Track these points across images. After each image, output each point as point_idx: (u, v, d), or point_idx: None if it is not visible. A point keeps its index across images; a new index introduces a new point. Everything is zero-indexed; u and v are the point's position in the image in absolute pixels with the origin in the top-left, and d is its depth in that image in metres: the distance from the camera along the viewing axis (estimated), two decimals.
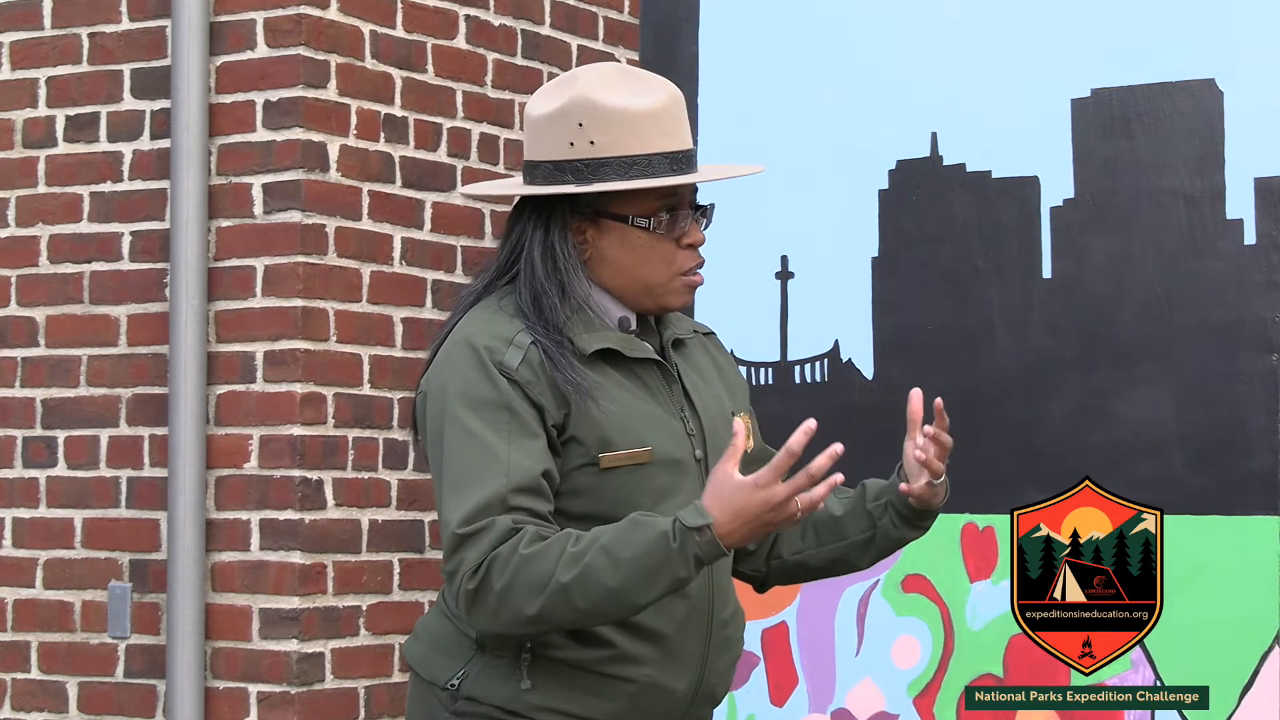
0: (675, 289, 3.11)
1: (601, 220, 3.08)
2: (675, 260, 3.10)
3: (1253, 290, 4.39)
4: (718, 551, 2.89)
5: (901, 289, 4.73)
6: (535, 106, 3.12)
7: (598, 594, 2.88)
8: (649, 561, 2.87)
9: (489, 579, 2.90)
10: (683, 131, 3.10)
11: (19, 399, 5.72)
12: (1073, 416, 4.52)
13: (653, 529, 2.89)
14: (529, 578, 2.89)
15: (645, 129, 3.05)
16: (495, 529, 2.91)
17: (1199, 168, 4.46)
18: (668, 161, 3.06)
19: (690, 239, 3.11)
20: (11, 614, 5.69)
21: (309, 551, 5.35)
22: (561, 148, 3.07)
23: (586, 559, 2.88)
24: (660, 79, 3.14)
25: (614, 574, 2.87)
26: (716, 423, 3.15)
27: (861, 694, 4.72)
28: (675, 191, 3.09)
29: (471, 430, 2.97)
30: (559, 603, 2.89)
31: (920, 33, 4.74)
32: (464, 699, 3.05)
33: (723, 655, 3.14)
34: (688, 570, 2.89)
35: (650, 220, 3.07)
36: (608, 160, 3.04)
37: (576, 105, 3.06)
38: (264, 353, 5.39)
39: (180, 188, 5.43)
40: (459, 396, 2.99)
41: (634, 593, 2.89)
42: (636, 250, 3.09)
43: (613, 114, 3.05)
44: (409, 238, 5.67)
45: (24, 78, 5.77)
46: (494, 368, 2.99)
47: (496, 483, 2.93)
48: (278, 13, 5.43)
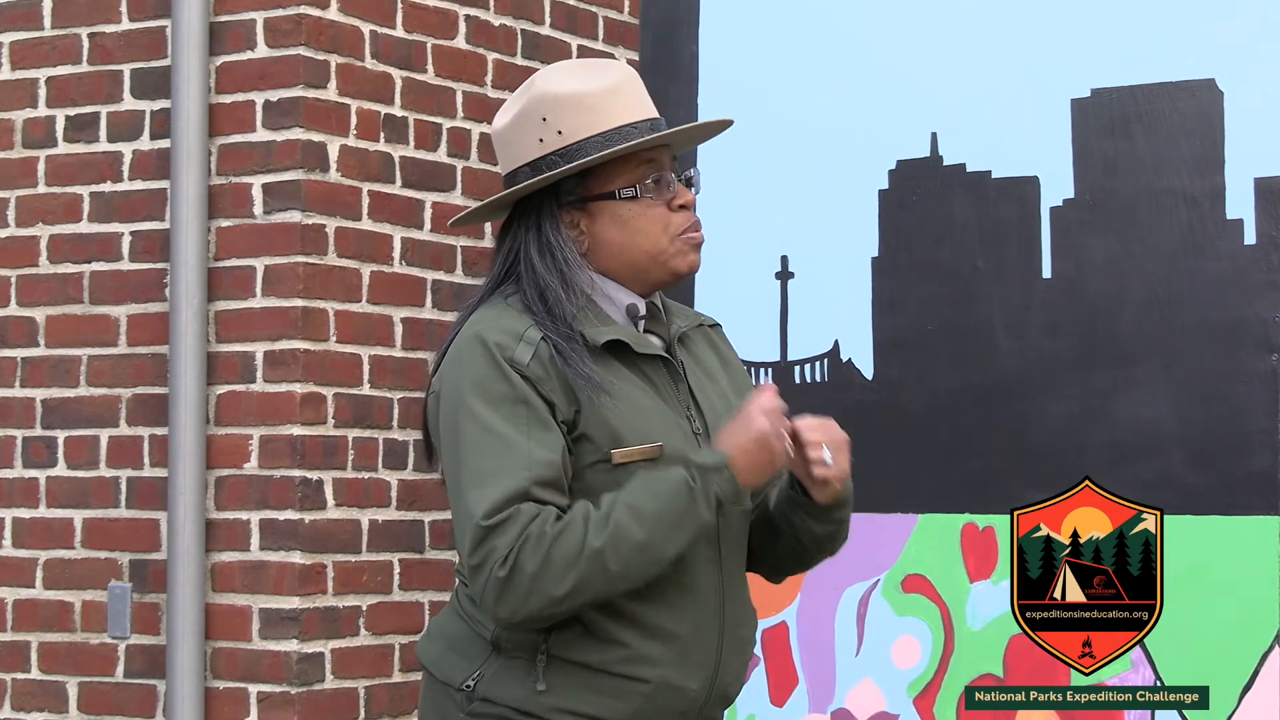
0: (679, 249, 3.12)
1: (590, 205, 3.10)
2: (670, 223, 3.11)
3: (1253, 290, 4.38)
4: (734, 489, 2.97)
5: (901, 289, 4.73)
6: (497, 121, 3.17)
7: (629, 550, 2.92)
8: (674, 508, 2.94)
9: (520, 562, 2.92)
10: (645, 101, 3.13)
11: (19, 399, 5.72)
12: (1073, 416, 4.52)
13: (672, 477, 2.95)
14: (563, 552, 2.91)
15: (608, 105, 3.08)
16: (521, 515, 2.94)
17: (1199, 168, 4.46)
18: (637, 130, 3.09)
19: (681, 199, 3.13)
20: (11, 614, 5.69)
21: (309, 551, 5.35)
22: (532, 147, 3.09)
23: (614, 518, 2.93)
24: (612, 61, 3.18)
25: (641, 527, 2.92)
26: (722, 420, 3.15)
27: (861, 694, 4.72)
28: (654, 158, 3.12)
29: (489, 425, 2.98)
30: (594, 570, 2.92)
31: (920, 33, 4.74)
32: (479, 700, 3.05)
33: (736, 655, 3.14)
34: (710, 513, 2.96)
35: (637, 188, 3.09)
36: (580, 143, 3.07)
37: (536, 103, 3.10)
38: (264, 353, 5.39)
39: (180, 188, 5.44)
40: (474, 392, 3.00)
41: (662, 544, 2.94)
42: (631, 223, 3.10)
43: (573, 99, 3.08)
44: (409, 238, 5.67)
45: (24, 78, 5.77)
46: (505, 363, 3.00)
47: (519, 476, 2.95)
48: (278, 13, 5.43)
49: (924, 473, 4.64)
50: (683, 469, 2.96)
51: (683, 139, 3.20)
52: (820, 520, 3.18)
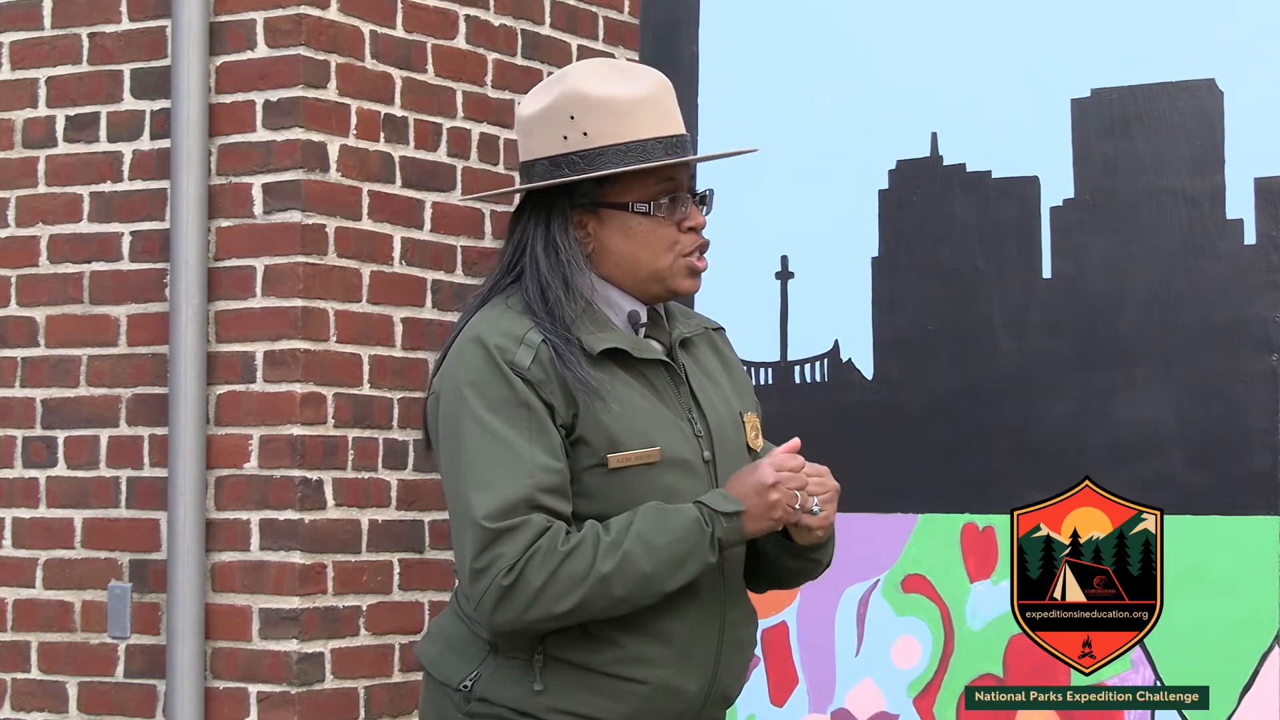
0: (680, 271, 3.12)
1: (602, 210, 3.09)
2: (677, 244, 3.11)
3: (1253, 290, 4.38)
4: (739, 538, 3.02)
5: (901, 289, 4.73)
6: (526, 107, 3.14)
7: (634, 580, 2.94)
8: (684, 547, 2.97)
9: (526, 573, 2.93)
10: (674, 117, 3.12)
11: (19, 399, 5.72)
12: (1073, 416, 4.52)
13: (685, 515, 2.98)
14: (570, 571, 2.93)
15: (637, 116, 3.07)
16: (531, 526, 2.94)
17: (1199, 168, 4.45)
18: (662, 146, 3.08)
19: (691, 222, 3.12)
20: (11, 614, 5.69)
21: (309, 551, 5.35)
22: (555, 142, 3.08)
23: (624, 547, 2.95)
24: (648, 69, 3.16)
25: (649, 559, 2.95)
26: (724, 424, 3.16)
27: (861, 694, 4.71)
28: (673, 175, 3.11)
29: (491, 429, 2.98)
30: (597, 593, 2.94)
31: (920, 32, 4.74)
32: (477, 700, 3.06)
33: (735, 656, 3.14)
34: (715, 555, 3.00)
35: (650, 205, 3.09)
36: (603, 149, 3.06)
37: (567, 99, 3.08)
38: (264, 353, 5.39)
39: (180, 188, 5.43)
40: (475, 396, 3.00)
41: (666, 578, 2.97)
42: (638, 237, 3.09)
43: (604, 103, 3.06)
44: (409, 238, 5.67)
45: (24, 78, 5.77)
46: (506, 366, 3.00)
47: (522, 482, 2.95)
48: (278, 13, 5.43)
49: (924, 473, 4.64)
50: (696, 509, 3.00)
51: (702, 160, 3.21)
52: (796, 558, 3.20)
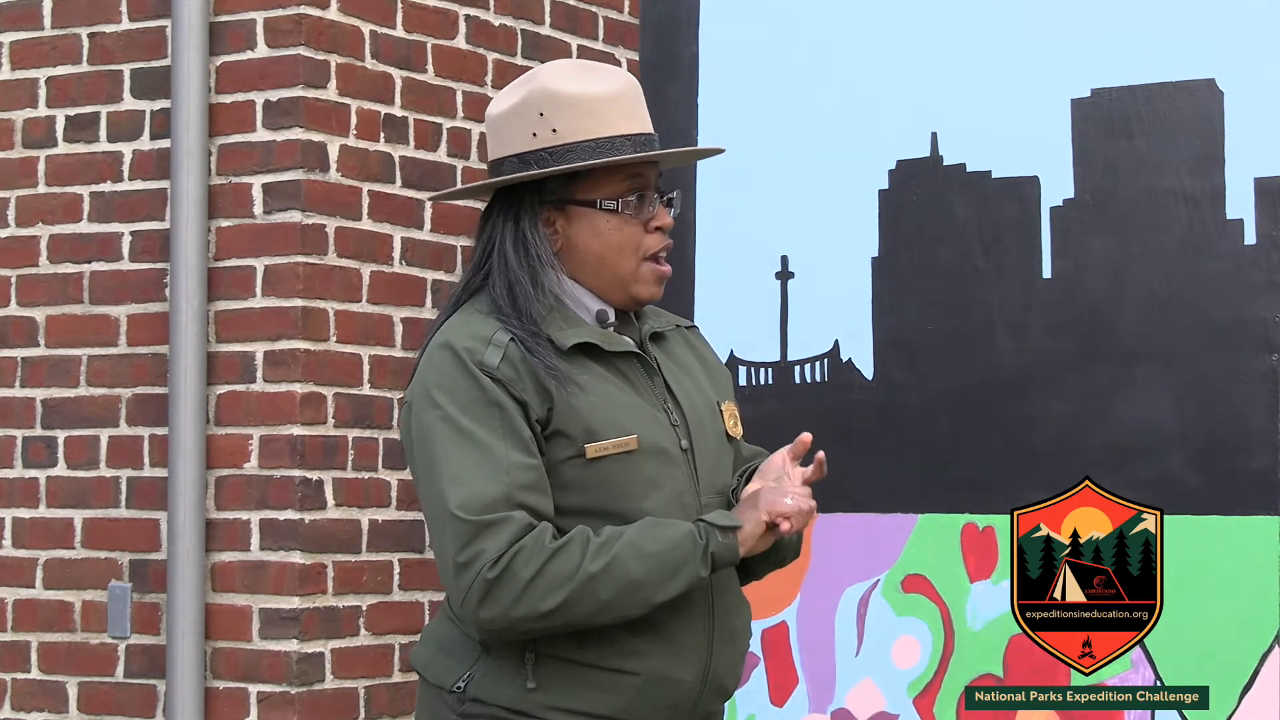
0: (644, 276, 3.14)
1: (570, 208, 3.11)
2: (642, 244, 3.13)
3: (1253, 290, 4.39)
4: (733, 555, 3.02)
5: (901, 289, 4.73)
6: (495, 106, 3.17)
7: (622, 583, 2.95)
8: (675, 556, 2.97)
9: (513, 568, 2.93)
10: (643, 116, 3.14)
11: (19, 399, 5.72)
12: (1073, 416, 4.52)
13: (679, 526, 3.00)
14: (558, 568, 2.93)
15: (605, 113, 3.09)
16: (514, 522, 2.95)
17: (1199, 168, 4.46)
18: (630, 143, 3.10)
19: (659, 222, 3.15)
20: (11, 614, 5.69)
21: (309, 551, 5.35)
22: (524, 139, 3.10)
23: (615, 550, 2.95)
24: (616, 68, 3.19)
25: (639, 564, 2.95)
26: (700, 413, 3.17)
27: (861, 694, 4.72)
28: (641, 174, 3.13)
29: (465, 430, 2.98)
30: (584, 593, 2.94)
31: (920, 33, 4.74)
32: (471, 700, 3.06)
33: (729, 646, 3.15)
34: (707, 569, 3.00)
35: (618, 203, 3.11)
36: (572, 145, 3.08)
37: (535, 97, 3.11)
38: (264, 353, 5.39)
39: (180, 188, 5.44)
40: (447, 399, 3.01)
41: (655, 587, 2.97)
42: (605, 235, 3.11)
43: (572, 100, 3.09)
44: (409, 238, 5.67)
45: (24, 78, 5.77)
46: (475, 368, 3.01)
47: (499, 480, 2.96)
48: (278, 13, 5.43)
49: (924, 473, 4.64)
50: (691, 523, 3.01)
51: (673, 161, 3.22)
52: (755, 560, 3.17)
